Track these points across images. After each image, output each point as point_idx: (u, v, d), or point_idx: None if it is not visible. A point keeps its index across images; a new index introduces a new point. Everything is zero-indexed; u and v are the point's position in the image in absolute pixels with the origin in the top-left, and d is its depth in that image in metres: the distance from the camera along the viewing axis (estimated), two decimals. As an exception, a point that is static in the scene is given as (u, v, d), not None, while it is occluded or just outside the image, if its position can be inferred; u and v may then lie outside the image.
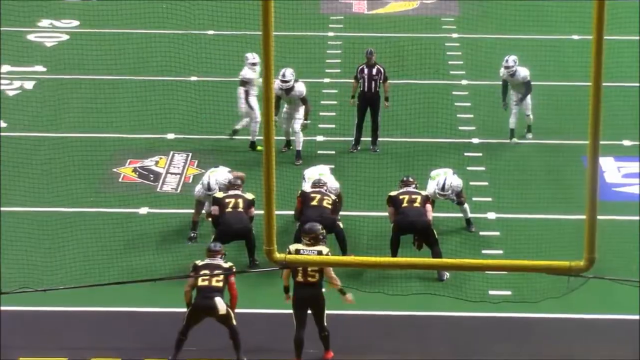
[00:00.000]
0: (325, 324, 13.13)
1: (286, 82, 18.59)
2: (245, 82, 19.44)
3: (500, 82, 19.94)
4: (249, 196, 15.54)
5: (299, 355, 13.10)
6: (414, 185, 15.92)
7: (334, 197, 15.83)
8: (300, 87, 18.86)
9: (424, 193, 15.82)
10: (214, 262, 13.18)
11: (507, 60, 19.61)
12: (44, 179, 18.00)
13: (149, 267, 15.23)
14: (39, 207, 17.12)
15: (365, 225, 16.52)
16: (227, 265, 13.28)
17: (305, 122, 18.95)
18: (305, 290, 13.02)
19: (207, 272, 12.99)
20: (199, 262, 13.24)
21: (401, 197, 15.54)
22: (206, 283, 12.96)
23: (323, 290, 13.16)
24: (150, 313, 14.53)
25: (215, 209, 15.40)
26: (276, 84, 18.00)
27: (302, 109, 18.93)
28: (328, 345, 13.27)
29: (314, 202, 15.39)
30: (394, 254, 15.12)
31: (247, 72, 19.54)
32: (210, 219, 15.70)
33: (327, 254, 13.11)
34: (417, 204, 15.40)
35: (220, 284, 12.96)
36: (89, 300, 14.51)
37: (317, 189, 15.72)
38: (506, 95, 19.93)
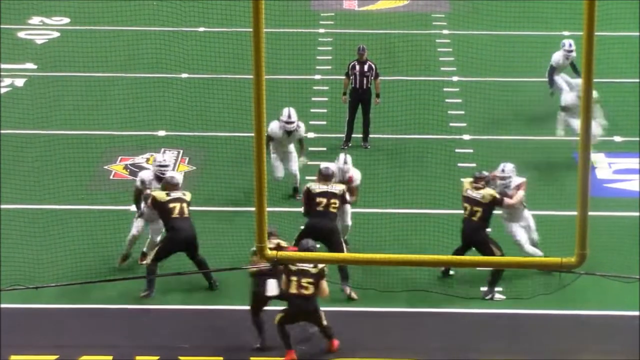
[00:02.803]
0: (325, 322, 13.07)
1: (291, 123, 17.18)
2: (271, 138, 17.32)
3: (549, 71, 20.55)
4: (188, 196, 14.68)
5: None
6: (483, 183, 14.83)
7: (340, 190, 14.98)
8: (302, 129, 17.58)
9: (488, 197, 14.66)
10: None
11: (570, 45, 20.51)
12: (35, 176, 17.95)
13: (141, 265, 15.21)
14: (30, 204, 17.07)
15: (358, 221, 16.49)
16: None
17: (305, 160, 17.83)
18: (299, 304, 12.82)
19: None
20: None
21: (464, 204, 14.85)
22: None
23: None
24: (141, 310, 14.49)
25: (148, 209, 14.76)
26: (277, 125, 17.22)
27: (293, 151, 17.60)
28: (331, 335, 13.21)
29: (320, 208, 14.73)
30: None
31: (274, 128, 17.40)
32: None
33: (322, 269, 12.83)
34: (475, 218, 14.62)
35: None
36: (80, 297, 14.50)
37: (324, 189, 14.86)
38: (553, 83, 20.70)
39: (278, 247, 13.42)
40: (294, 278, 12.76)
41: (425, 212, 16.57)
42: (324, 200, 14.74)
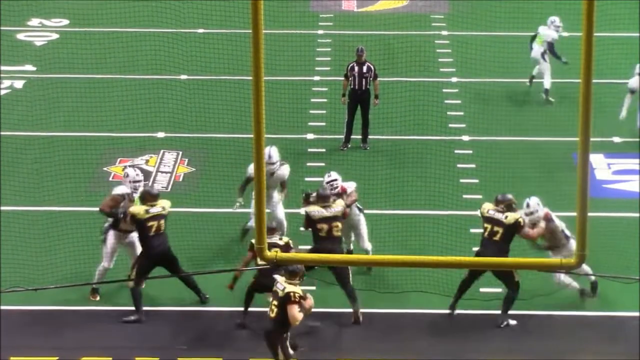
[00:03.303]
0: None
1: (273, 164, 15.70)
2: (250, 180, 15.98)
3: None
4: (167, 210, 14.27)
5: None
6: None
7: (339, 210, 14.43)
8: (285, 170, 16.06)
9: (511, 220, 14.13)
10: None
11: (559, 21, 21.58)
12: (34, 178, 17.96)
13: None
14: (29, 206, 17.09)
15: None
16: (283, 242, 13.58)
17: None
18: (266, 325, 12.61)
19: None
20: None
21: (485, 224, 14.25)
22: None
23: None
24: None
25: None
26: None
27: (277, 196, 16.13)
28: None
29: (323, 234, 14.24)
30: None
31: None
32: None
33: (287, 294, 12.18)
34: (496, 238, 14.05)
35: None
36: (80, 299, 14.51)
37: (324, 214, 14.30)
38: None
39: (287, 246, 13.57)
40: (270, 299, 12.61)
41: (425, 214, 16.57)
42: (325, 226, 14.27)
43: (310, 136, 19.94)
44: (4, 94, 21.95)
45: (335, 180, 15.11)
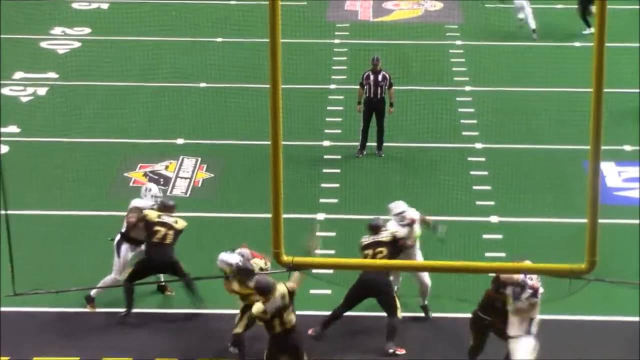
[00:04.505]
0: None
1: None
2: None
3: None
4: (180, 225, 14.34)
5: None
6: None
7: (388, 237, 13.91)
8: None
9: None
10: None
11: None
12: (56, 183, 18.06)
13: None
14: (52, 210, 17.16)
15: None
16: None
17: None
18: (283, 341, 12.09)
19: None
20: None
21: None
22: None
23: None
24: (160, 314, 14.57)
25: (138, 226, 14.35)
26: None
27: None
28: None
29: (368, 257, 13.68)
30: None
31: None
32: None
33: None
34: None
35: None
36: (101, 302, 14.56)
37: (371, 240, 13.85)
38: None
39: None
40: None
41: (438, 219, 16.56)
42: (370, 252, 13.71)
43: (326, 143, 19.96)
44: (27, 100, 22.05)
45: (404, 212, 14.37)
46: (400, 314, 13.65)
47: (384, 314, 13.66)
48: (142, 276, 14.28)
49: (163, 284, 14.85)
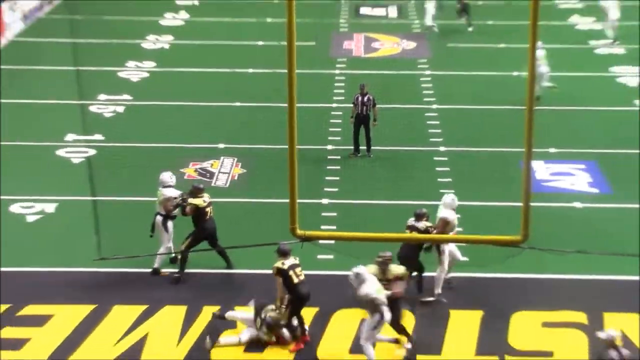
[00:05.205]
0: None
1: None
2: None
3: None
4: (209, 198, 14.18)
5: None
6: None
7: (423, 227, 13.23)
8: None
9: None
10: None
11: None
12: (131, 176, 18.03)
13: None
14: (127, 196, 17.11)
15: (360, 209, 16.52)
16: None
17: None
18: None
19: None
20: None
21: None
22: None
23: None
24: (203, 273, 14.38)
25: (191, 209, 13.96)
26: None
27: None
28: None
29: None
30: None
31: None
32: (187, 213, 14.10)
33: None
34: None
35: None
36: (163, 265, 14.53)
37: (411, 224, 13.25)
38: None
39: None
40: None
41: (412, 203, 16.55)
42: (408, 232, 13.22)
43: (329, 147, 19.92)
44: (109, 116, 22.05)
45: (454, 199, 13.77)
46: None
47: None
48: (197, 243, 14.04)
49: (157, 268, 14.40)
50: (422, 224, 13.36)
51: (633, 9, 30.48)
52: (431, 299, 13.52)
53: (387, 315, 11.65)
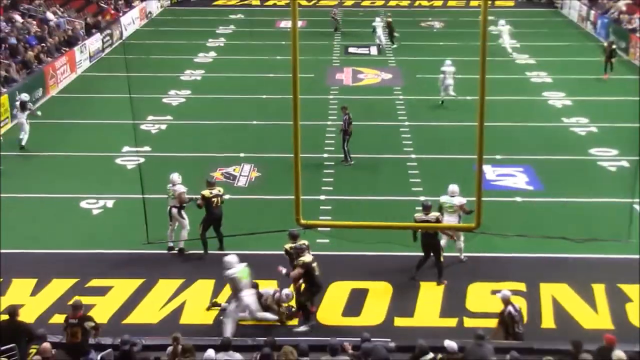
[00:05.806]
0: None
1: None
2: None
3: None
4: (222, 192, 14.26)
5: None
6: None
7: (433, 217, 12.83)
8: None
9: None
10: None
11: None
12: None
13: (231, 228, 14.56)
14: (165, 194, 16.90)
15: (346, 204, 16.39)
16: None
17: None
18: None
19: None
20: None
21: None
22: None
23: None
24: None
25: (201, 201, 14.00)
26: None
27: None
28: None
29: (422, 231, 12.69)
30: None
31: None
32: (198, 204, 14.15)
33: None
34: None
35: None
36: (189, 246, 14.33)
37: (423, 218, 12.76)
38: None
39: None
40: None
41: (388, 199, 16.50)
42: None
43: (325, 155, 19.84)
44: (155, 132, 21.93)
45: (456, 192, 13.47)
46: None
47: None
48: (208, 227, 14.01)
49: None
50: (433, 215, 12.94)
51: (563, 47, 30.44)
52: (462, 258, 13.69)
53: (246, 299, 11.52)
